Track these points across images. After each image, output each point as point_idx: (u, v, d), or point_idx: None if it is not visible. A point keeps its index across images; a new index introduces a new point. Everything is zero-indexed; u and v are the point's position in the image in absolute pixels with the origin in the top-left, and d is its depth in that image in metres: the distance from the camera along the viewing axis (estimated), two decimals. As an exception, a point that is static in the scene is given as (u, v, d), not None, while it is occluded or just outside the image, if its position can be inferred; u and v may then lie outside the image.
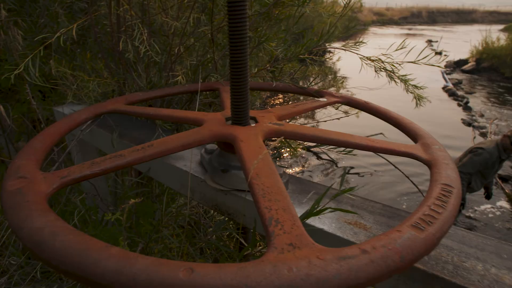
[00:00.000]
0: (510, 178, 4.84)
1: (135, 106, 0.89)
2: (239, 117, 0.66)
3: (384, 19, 35.55)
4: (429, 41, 20.73)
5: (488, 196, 3.82)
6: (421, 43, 20.32)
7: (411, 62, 1.23)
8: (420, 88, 1.35)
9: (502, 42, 12.12)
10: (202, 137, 0.62)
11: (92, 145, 1.19)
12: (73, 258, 0.32)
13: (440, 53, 16.13)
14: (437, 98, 8.96)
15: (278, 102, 7.07)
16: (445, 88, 9.86)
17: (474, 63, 12.35)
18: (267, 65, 1.17)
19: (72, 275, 0.32)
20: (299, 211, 0.60)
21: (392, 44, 1.27)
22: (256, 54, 1.48)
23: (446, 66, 12.86)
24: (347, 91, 8.79)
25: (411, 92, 1.37)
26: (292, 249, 0.33)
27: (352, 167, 5.08)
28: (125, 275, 0.30)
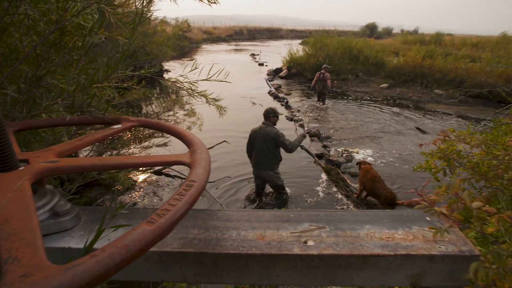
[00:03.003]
0: (323, 155, 6.33)
1: None
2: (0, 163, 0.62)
3: (213, 37, 39.05)
4: (253, 55, 24.29)
5: None
6: (247, 57, 23.57)
7: (204, 80, 1.43)
8: (218, 99, 1.61)
9: (301, 53, 15.70)
10: None
11: None
12: None
13: (262, 64, 19.23)
14: (266, 102, 10.66)
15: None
16: (269, 92, 11.83)
17: (286, 70, 15.41)
18: (58, 100, 1.10)
19: None
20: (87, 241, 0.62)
21: (186, 66, 1.46)
22: (55, 86, 1.36)
23: (268, 74, 15.44)
24: (193, 106, 9.18)
25: (212, 104, 1.61)
26: (24, 279, 0.36)
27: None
28: None
